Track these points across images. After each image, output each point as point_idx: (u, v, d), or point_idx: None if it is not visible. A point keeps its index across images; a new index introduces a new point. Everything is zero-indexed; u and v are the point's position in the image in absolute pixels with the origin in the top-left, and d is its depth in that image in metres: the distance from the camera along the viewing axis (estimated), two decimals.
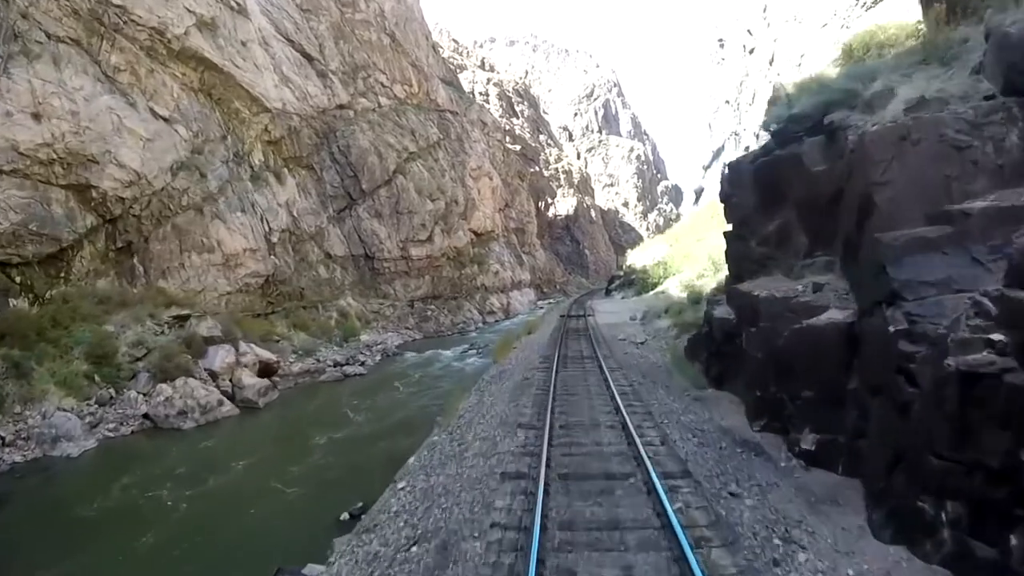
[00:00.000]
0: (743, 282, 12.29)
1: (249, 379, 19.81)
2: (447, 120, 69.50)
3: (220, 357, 19.93)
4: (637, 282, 34.58)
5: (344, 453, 13.74)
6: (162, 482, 12.06)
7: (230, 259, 30.68)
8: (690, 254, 27.58)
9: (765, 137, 13.39)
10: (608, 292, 46.36)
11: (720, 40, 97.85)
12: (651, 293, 29.46)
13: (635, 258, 42.71)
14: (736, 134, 64.01)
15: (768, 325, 9.87)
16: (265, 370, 21.65)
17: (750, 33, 65.67)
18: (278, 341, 27.41)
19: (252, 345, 22.44)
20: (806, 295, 9.67)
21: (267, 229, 35.38)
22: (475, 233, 57.82)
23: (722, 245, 14.85)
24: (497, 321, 47.27)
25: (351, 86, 56.70)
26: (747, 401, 11.09)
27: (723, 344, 12.77)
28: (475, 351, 28.67)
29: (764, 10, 53.68)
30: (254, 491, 11.53)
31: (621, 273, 45.60)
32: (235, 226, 32.09)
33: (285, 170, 43.46)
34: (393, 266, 40.09)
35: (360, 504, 9.69)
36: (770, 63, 47.59)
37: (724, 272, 16.51)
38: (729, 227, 14.23)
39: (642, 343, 18.95)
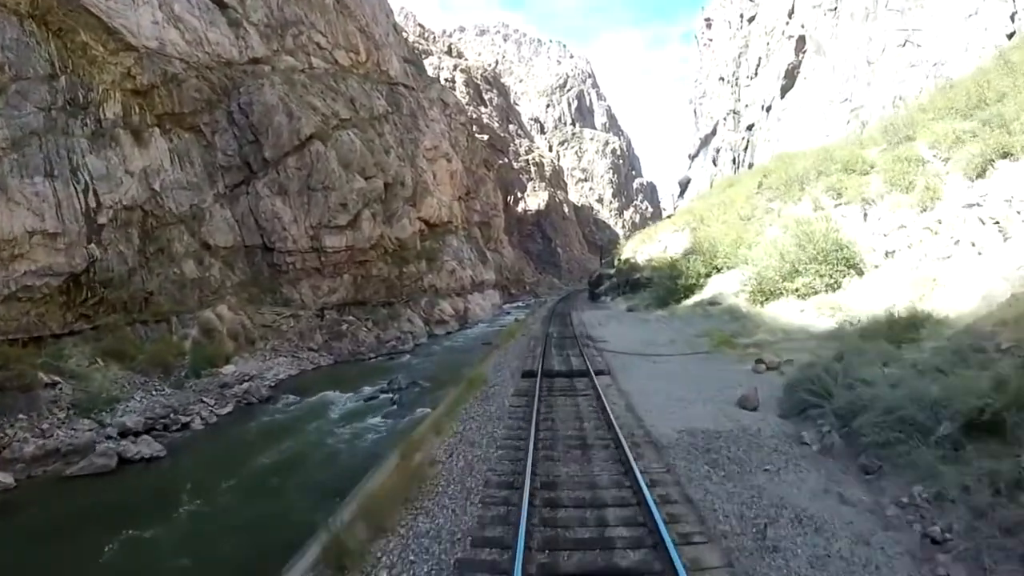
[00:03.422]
0: None
1: None
2: (399, 94, 58.81)
3: None
4: (653, 285, 23.89)
5: None
6: None
7: (1, 247, 19.21)
8: (741, 239, 17.44)
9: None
10: (594, 296, 35.93)
11: (707, 19, 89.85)
12: (691, 302, 18.85)
13: (636, 250, 31.74)
14: (735, 112, 55.46)
15: None
16: None
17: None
18: (52, 385, 16.19)
19: None
20: None
21: (92, 205, 23.83)
22: (426, 223, 47.00)
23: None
24: (449, 333, 36.54)
25: (275, 41, 45.37)
26: None
27: None
28: (393, 394, 17.93)
29: None
30: None
31: (612, 272, 35.17)
32: (21, 196, 20.56)
33: (156, 129, 31.84)
34: (299, 261, 28.99)
35: None
36: (789, 15, 38.27)
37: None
38: None
39: None
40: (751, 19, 56.57)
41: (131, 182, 27.73)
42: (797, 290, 12.85)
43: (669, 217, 52.52)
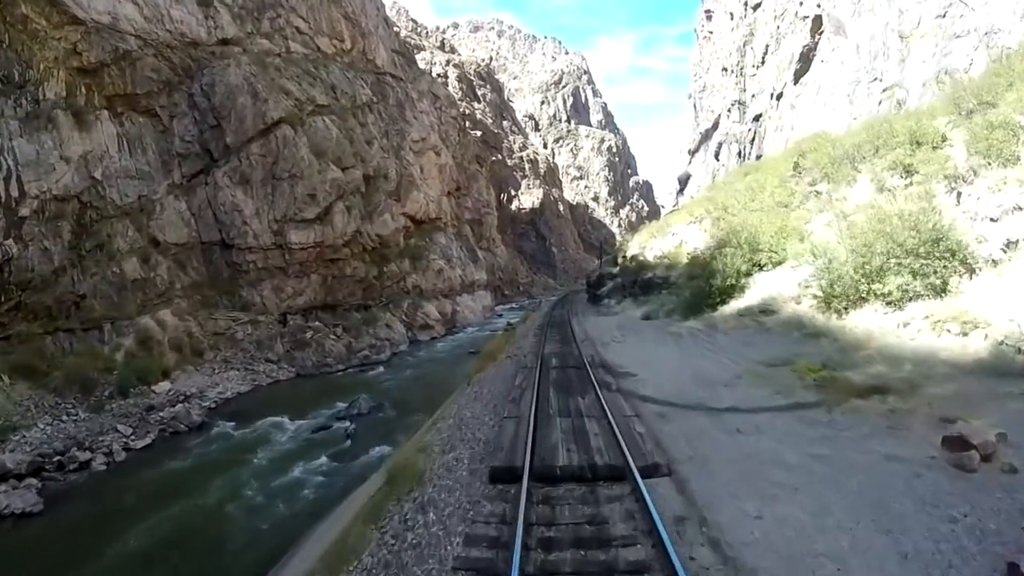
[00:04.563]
0: None
1: None
2: (386, 83, 55.66)
3: None
4: (670, 286, 20.20)
5: None
6: None
7: None
8: (786, 228, 14.07)
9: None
10: (595, 298, 32.59)
11: (708, 11, 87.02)
12: (733, 309, 14.46)
13: (645, 245, 27.59)
14: (740, 103, 52.57)
15: None
16: None
17: None
18: None
19: None
20: None
21: (14, 194, 20.49)
22: (412, 219, 43.75)
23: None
24: (434, 339, 33.26)
25: (249, 23, 42.09)
26: None
27: None
28: (349, 423, 14.65)
29: None
30: None
31: (615, 271, 31.83)
32: None
33: (104, 112, 28.49)
34: (261, 259, 25.66)
35: None
36: None
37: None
38: None
39: None
40: (756, 6, 53.68)
41: (66, 169, 24.36)
42: (888, 294, 9.56)
43: (672, 211, 49.42)
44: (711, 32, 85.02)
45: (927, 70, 22.59)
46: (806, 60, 34.03)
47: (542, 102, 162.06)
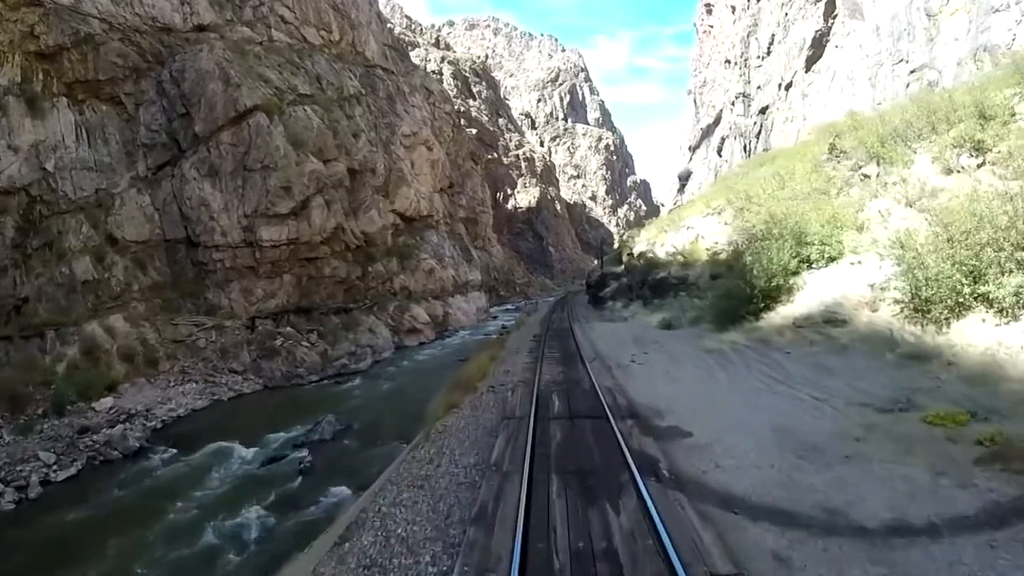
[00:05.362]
0: None
1: None
2: (376, 76, 53.51)
3: None
4: (688, 287, 17.55)
5: None
6: None
7: None
8: (838, 218, 11.70)
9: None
10: (598, 301, 30.29)
11: (708, 5, 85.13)
12: (784, 318, 11.54)
13: (655, 241, 25.28)
14: (744, 95, 50.57)
15: None
16: None
17: None
18: None
19: None
20: None
21: None
22: (402, 216, 41.59)
23: None
24: (422, 344, 31.05)
25: (228, 10, 39.91)
26: None
27: None
28: (307, 453, 12.40)
29: None
30: None
31: (619, 270, 29.50)
32: None
33: (62, 99, 26.27)
34: (229, 258, 23.43)
35: None
36: None
37: None
38: None
39: None
40: None
41: (13, 160, 22.09)
42: (1001, 299, 7.19)
43: (678, 206, 47.18)
44: (711, 26, 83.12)
45: (961, 48, 20.59)
46: (819, 46, 32.03)
47: (538, 100, 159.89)
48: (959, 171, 9.92)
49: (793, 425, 7.18)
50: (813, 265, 11.59)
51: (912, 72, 22.26)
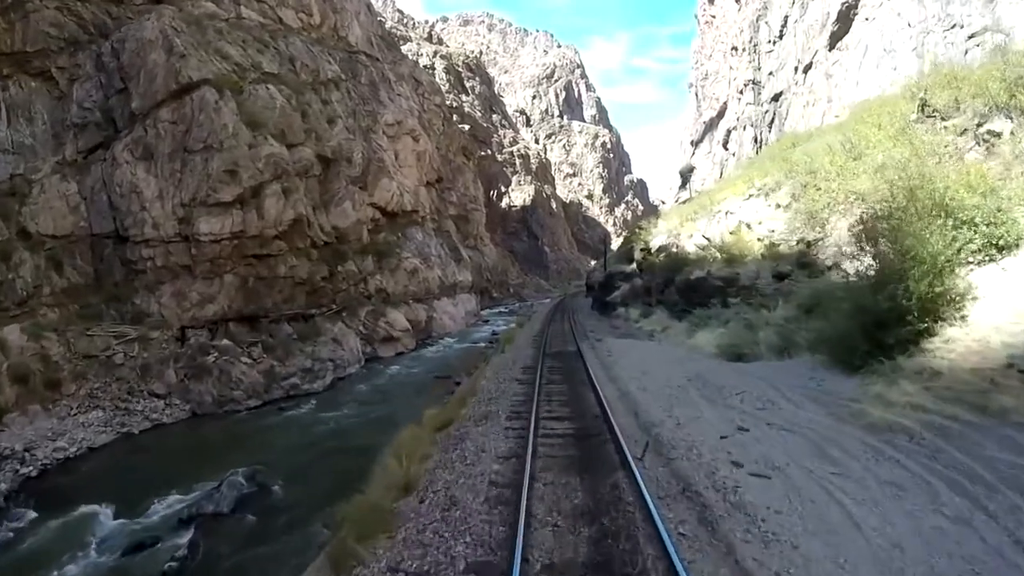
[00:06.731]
0: None
1: None
2: (359, 62, 49.90)
3: None
4: (750, 292, 12.49)
5: None
6: None
7: None
8: (992, 188, 7.64)
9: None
10: (604, 307, 26.46)
11: None
12: (979, 351, 5.74)
13: (680, 232, 21.45)
14: (755, 82, 47.33)
15: None
16: None
17: None
18: None
19: None
20: None
21: None
22: (382, 210, 37.95)
23: None
24: (400, 354, 27.41)
25: None
26: None
27: None
28: (193, 531, 8.78)
29: None
30: None
31: (630, 269, 25.58)
32: None
33: None
34: (162, 255, 19.67)
35: None
36: None
37: None
38: None
39: None
40: None
41: None
42: None
43: (684, 202, 43.40)
44: (713, 16, 79.82)
45: None
46: (845, 20, 28.63)
47: (533, 96, 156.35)
48: None
49: None
50: (971, 257, 7.56)
51: (971, 37, 18.83)
